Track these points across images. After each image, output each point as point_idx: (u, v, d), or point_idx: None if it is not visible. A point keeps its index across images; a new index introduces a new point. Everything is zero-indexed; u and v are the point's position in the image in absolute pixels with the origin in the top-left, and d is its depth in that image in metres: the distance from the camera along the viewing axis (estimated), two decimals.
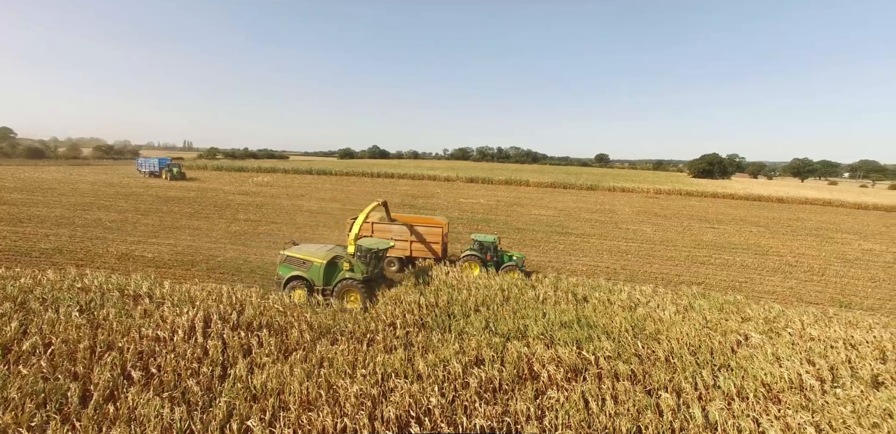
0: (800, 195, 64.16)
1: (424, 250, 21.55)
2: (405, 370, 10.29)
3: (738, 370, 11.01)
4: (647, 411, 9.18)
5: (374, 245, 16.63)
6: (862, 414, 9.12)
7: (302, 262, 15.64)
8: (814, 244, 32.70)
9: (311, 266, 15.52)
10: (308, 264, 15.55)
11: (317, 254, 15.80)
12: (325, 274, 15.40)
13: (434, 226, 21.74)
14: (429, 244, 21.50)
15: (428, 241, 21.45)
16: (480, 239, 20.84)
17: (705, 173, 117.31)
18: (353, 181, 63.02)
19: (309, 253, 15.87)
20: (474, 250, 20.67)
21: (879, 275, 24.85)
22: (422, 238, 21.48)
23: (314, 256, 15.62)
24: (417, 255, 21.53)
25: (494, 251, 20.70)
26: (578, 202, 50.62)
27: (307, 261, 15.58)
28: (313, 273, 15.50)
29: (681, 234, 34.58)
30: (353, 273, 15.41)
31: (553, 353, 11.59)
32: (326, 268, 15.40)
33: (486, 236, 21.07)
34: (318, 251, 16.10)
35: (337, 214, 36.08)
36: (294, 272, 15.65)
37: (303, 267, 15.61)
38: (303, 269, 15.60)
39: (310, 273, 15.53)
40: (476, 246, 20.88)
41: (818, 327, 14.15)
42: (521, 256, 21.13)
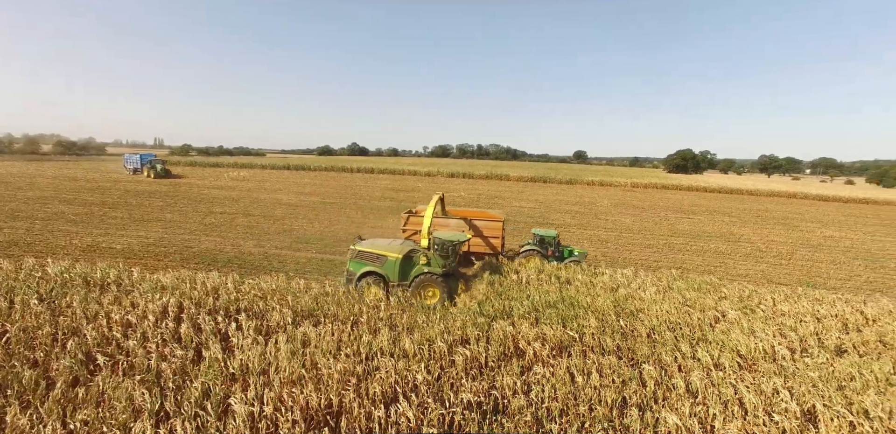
0: (767, 188, 66.72)
1: (483, 245, 20.54)
2: (391, 349, 10.14)
3: (715, 343, 11.29)
4: (631, 383, 9.30)
5: (451, 237, 16.26)
6: (828, 378, 9.51)
7: (376, 258, 15.00)
8: (781, 232, 34.03)
9: (385, 261, 14.88)
10: (383, 259, 14.92)
11: (391, 248, 15.23)
12: (401, 269, 14.83)
13: (493, 220, 20.91)
14: (487, 239, 20.54)
15: (487, 236, 20.48)
16: (542, 233, 20.26)
17: (679, 168, 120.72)
18: (331, 176, 62.00)
19: (382, 247, 15.28)
20: (534, 245, 20.14)
21: (840, 258, 26.12)
22: (480, 232, 20.48)
23: (389, 251, 15.02)
24: (476, 250, 20.34)
25: (557, 246, 20.19)
26: (558, 195, 51.22)
27: (381, 256, 14.96)
28: (388, 268, 14.87)
29: (658, 223, 35.42)
30: (432, 267, 14.95)
31: (538, 331, 11.63)
32: (402, 262, 14.82)
33: (548, 231, 20.58)
34: (391, 245, 15.59)
35: (318, 207, 35.49)
36: (367, 268, 14.98)
37: (376, 262, 14.97)
38: (376, 265, 14.94)
39: (384, 268, 14.89)
40: (536, 240, 20.31)
41: (788, 304, 14.69)
42: (582, 252, 20.59)
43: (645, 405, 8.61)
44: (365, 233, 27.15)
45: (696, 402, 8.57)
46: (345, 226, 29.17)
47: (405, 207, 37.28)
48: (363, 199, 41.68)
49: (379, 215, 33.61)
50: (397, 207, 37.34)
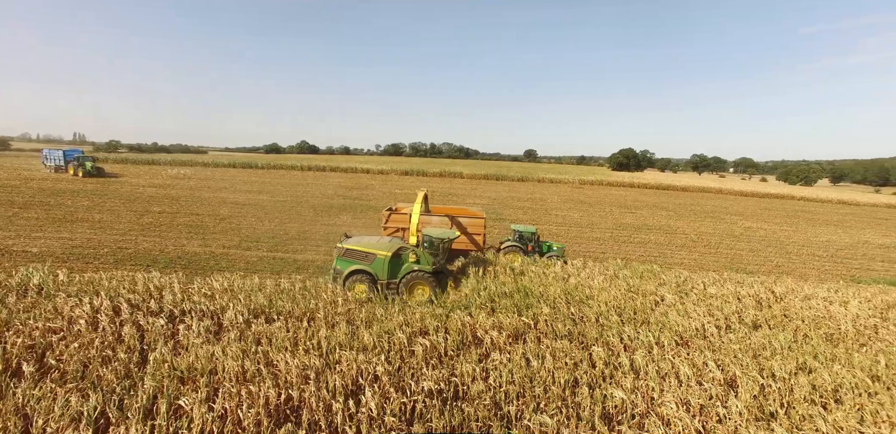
0: (698, 185, 72.41)
1: (466, 242, 20.47)
2: (350, 343, 10.10)
3: (656, 324, 12.23)
4: (581, 364, 9.90)
5: (441, 235, 16.12)
6: (746, 349, 10.69)
7: (364, 256, 14.73)
8: (710, 224, 37.20)
9: (374, 259, 14.64)
10: (371, 257, 14.67)
11: (379, 246, 15.01)
12: (390, 267, 14.63)
13: (476, 217, 21.03)
14: (471, 236, 20.50)
15: (470, 233, 20.42)
16: (521, 229, 20.65)
17: (623, 166, 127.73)
18: (281, 174, 59.66)
19: (370, 245, 15.02)
20: (515, 241, 20.49)
21: (757, 246, 29.13)
22: (463, 229, 20.44)
23: (377, 249, 14.78)
24: (458, 247, 20.21)
25: (537, 242, 20.62)
26: (511, 192, 52.59)
27: (370, 253, 14.70)
28: (377, 266, 14.65)
29: (604, 218, 37.44)
30: (421, 265, 14.82)
31: (495, 320, 12.04)
32: (391, 260, 14.60)
33: (527, 227, 20.88)
34: (380, 243, 15.36)
35: (267, 206, 34.10)
36: (355, 266, 14.70)
37: (365, 260, 14.70)
38: (365, 263, 14.68)
39: (373, 266, 14.65)
40: (516, 237, 20.66)
41: (716, 287, 16.19)
42: (561, 246, 21.26)
43: (594, 383, 9.21)
44: (318, 231, 26.55)
45: (639, 378, 9.29)
46: (297, 224, 28.32)
47: (359, 205, 36.85)
48: (315, 197, 40.56)
49: (332, 213, 32.91)
50: (351, 205, 36.77)
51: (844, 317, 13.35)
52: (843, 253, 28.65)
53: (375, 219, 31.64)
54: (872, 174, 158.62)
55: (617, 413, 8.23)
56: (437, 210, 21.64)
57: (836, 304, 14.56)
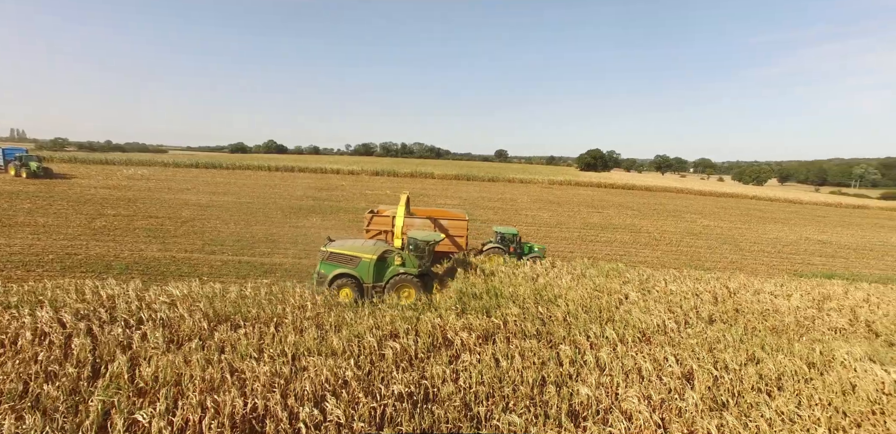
0: (661, 185, 75.43)
1: (448, 244, 20.42)
2: (318, 348, 9.95)
3: (620, 322, 12.68)
4: (549, 362, 10.14)
5: (427, 237, 16.06)
6: (702, 343, 11.26)
7: (349, 259, 14.62)
8: (671, 223, 38.85)
9: (359, 262, 14.55)
10: (356, 261, 14.57)
11: (364, 249, 14.86)
12: (376, 270, 14.56)
13: (458, 219, 21.00)
14: (453, 238, 20.44)
15: (452, 235, 20.34)
16: (502, 231, 20.72)
17: (590, 167, 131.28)
18: (248, 175, 57.75)
19: (355, 249, 14.87)
20: (496, 243, 20.61)
21: (713, 243, 30.68)
22: (445, 231, 20.32)
23: (362, 252, 14.66)
24: (441, 249, 19.95)
25: (518, 243, 20.76)
26: (482, 192, 53.05)
27: (355, 257, 14.59)
28: (362, 270, 14.55)
29: (572, 217, 38.39)
30: (407, 267, 14.76)
31: (465, 321, 12.15)
32: (377, 263, 14.53)
33: (508, 229, 21.00)
34: (364, 246, 15.19)
35: (232, 208, 32.97)
36: (340, 269, 14.53)
37: (350, 264, 14.59)
38: (349, 266, 14.56)
39: (358, 270, 14.55)
40: (498, 238, 20.79)
41: (676, 284, 16.95)
42: (542, 247, 21.51)
43: (561, 381, 9.46)
44: (286, 233, 25.93)
45: (604, 374, 9.62)
46: (264, 226, 27.55)
47: (328, 207, 36.23)
48: (283, 198, 39.55)
49: (300, 215, 32.21)
50: (320, 206, 36.10)
51: (788, 309, 14.28)
52: (788, 249, 30.57)
53: (346, 220, 31.23)
54: (813, 175, 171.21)
55: (583, 409, 8.49)
56: (418, 212, 21.58)
57: (780, 297, 15.56)
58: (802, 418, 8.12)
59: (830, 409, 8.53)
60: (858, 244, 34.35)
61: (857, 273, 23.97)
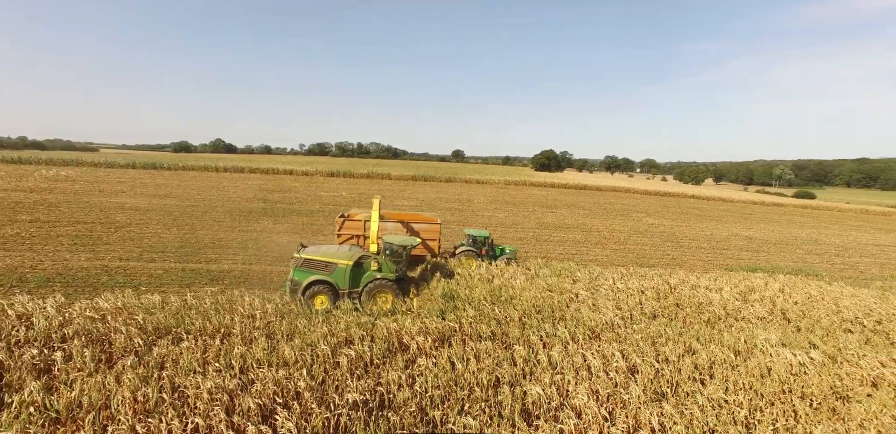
0: (610, 185, 79.18)
1: (420, 248, 20.07)
2: (269, 359, 9.59)
3: (571, 320, 13.17)
4: (504, 363, 10.36)
5: (404, 242, 15.93)
6: (645, 338, 11.95)
7: (324, 265, 14.32)
8: (620, 221, 40.85)
9: (335, 268, 14.27)
10: (332, 267, 14.30)
11: (339, 255, 14.58)
12: (352, 276, 14.34)
13: (431, 223, 20.85)
14: (425, 241, 20.15)
15: (425, 239, 20.06)
16: (474, 234, 20.79)
17: (544, 167, 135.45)
18: (193, 176, 54.38)
19: (330, 255, 14.60)
20: (469, 245, 20.57)
21: (657, 241, 32.56)
22: (418, 235, 20.14)
23: (338, 258, 14.39)
24: (413, 253, 19.43)
25: (490, 246, 20.86)
26: (439, 193, 53.23)
27: (330, 263, 14.32)
28: (338, 276, 14.29)
29: (527, 217, 39.38)
30: (384, 272, 14.65)
31: (421, 325, 12.15)
32: (353, 269, 14.31)
33: (480, 231, 21.12)
34: (339, 252, 14.92)
35: (176, 212, 30.97)
36: (315, 276, 14.18)
37: (325, 270, 14.29)
38: (325, 273, 14.26)
39: (334, 276, 14.27)
40: (469, 241, 20.75)
41: (623, 282, 17.81)
42: (513, 249, 21.73)
43: (515, 381, 9.70)
44: (235, 237, 24.75)
45: (556, 372, 9.96)
46: (210, 231, 26.12)
47: (281, 209, 34.95)
48: (232, 201, 37.66)
49: (251, 218, 30.83)
50: (272, 209, 34.75)
51: (719, 302, 15.46)
52: (720, 245, 33.07)
53: (300, 223, 30.25)
54: (742, 175, 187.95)
55: (535, 408, 8.75)
56: (390, 216, 21.36)
57: (713, 291, 16.80)
58: (728, 403, 8.83)
59: (751, 392, 9.34)
60: (777, 239, 37.73)
61: (775, 266, 26.33)
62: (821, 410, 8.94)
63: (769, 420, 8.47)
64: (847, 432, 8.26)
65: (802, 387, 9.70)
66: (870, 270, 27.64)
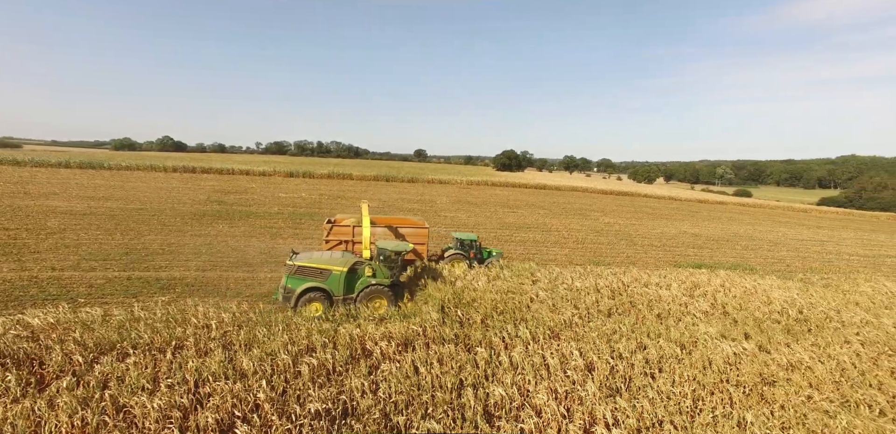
0: (569, 185, 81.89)
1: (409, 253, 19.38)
2: (225, 371, 9.25)
3: (532, 321, 13.55)
4: (467, 366, 10.53)
5: (398, 248, 16.00)
6: (601, 336, 12.52)
7: (318, 272, 14.33)
8: (577, 221, 42.36)
9: (329, 275, 14.31)
10: (326, 273, 14.33)
11: (333, 261, 14.60)
12: (346, 282, 14.38)
13: (419, 227, 20.95)
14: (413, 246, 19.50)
15: (413, 243, 19.48)
16: (462, 237, 20.99)
17: (505, 166, 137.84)
18: (138, 176, 50.96)
19: (323, 261, 14.57)
20: (458, 249, 20.75)
21: (613, 240, 34.05)
22: (405, 240, 20.09)
23: (332, 264, 14.42)
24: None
25: (478, 249, 21.20)
26: (401, 194, 53.00)
27: (325, 270, 14.33)
28: (332, 282, 14.34)
29: (489, 218, 40.00)
30: (378, 278, 14.69)
31: (385, 330, 12.13)
32: (347, 275, 14.37)
33: (468, 234, 21.40)
34: (333, 258, 14.91)
35: (119, 215, 29.00)
36: (309, 283, 14.18)
37: (319, 277, 14.31)
38: (319, 280, 14.28)
39: (328, 283, 14.31)
40: (457, 244, 21.00)
41: (581, 281, 18.49)
42: (499, 252, 22.24)
43: (478, 383, 9.90)
44: (188, 243, 23.55)
45: (517, 373, 10.24)
46: (160, 236, 24.70)
47: (237, 211, 33.58)
48: (183, 203, 35.71)
49: (205, 222, 29.41)
50: (228, 212, 33.30)
51: (668, 298, 16.44)
52: (670, 242, 35.08)
53: (258, 226, 29.20)
54: (689, 174, 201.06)
55: (497, 409, 8.98)
56: (377, 220, 21.12)
57: (663, 288, 17.82)
58: (675, 394, 9.45)
59: (694, 383, 10.05)
60: (719, 236, 40.51)
61: (717, 262, 28.30)
62: (751, 396, 9.76)
63: (709, 408, 9.14)
64: (772, 413, 9.06)
65: (737, 375, 10.53)
66: (794, 263, 30.22)
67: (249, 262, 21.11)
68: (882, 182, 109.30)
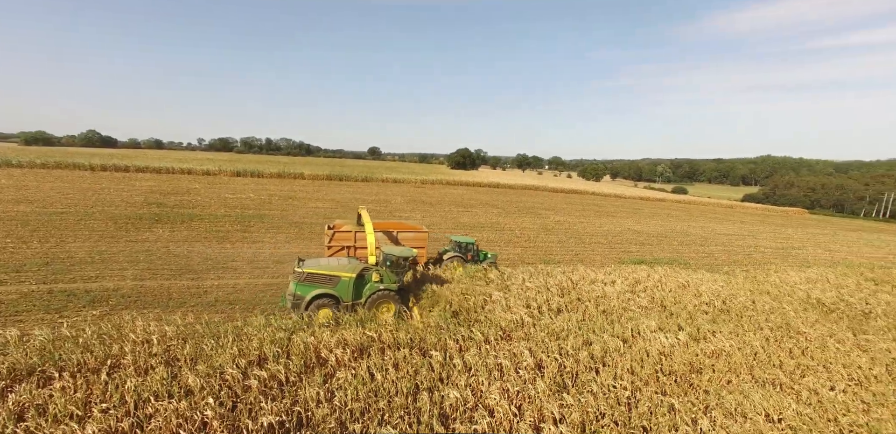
0: (521, 183, 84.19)
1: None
2: (168, 390, 8.82)
3: (485, 322, 13.95)
4: (422, 370, 10.70)
5: (404, 253, 16.59)
6: (550, 334, 13.14)
7: (328, 279, 14.65)
8: (529, 219, 43.75)
9: (339, 281, 14.67)
10: (336, 280, 14.68)
11: (342, 268, 15.01)
12: (355, 288, 14.75)
13: (418, 231, 21.69)
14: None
15: (412, 247, 19.86)
16: (462, 240, 21.75)
17: (460, 165, 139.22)
18: (57, 176, 46.24)
19: (332, 268, 14.96)
20: (456, 251, 21.43)
21: (563, 238, 35.53)
22: (402, 245, 20.65)
23: (341, 271, 14.79)
24: None
25: (476, 252, 21.97)
26: (355, 194, 52.14)
27: (334, 276, 14.67)
28: (341, 289, 14.68)
29: (444, 218, 40.34)
30: (386, 283, 15.08)
31: (340, 336, 12.04)
32: (356, 281, 14.75)
33: (465, 238, 22.11)
34: (340, 265, 15.31)
35: (34, 221, 26.35)
36: (318, 290, 14.45)
37: (329, 283, 14.64)
38: (329, 286, 14.61)
39: (337, 289, 14.64)
40: (455, 247, 21.72)
41: (532, 280, 19.21)
42: (494, 254, 23.08)
43: (433, 386, 10.10)
44: (121, 250, 21.90)
45: (471, 375, 10.55)
46: (87, 243, 22.77)
47: (178, 214, 31.60)
48: (116, 205, 32.98)
49: (141, 226, 27.44)
50: (168, 215, 31.23)
51: (613, 294, 17.52)
52: (615, 239, 37.19)
53: (203, 230, 27.66)
54: (633, 172, 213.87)
55: (452, 411, 9.24)
56: (376, 226, 20.82)
57: (608, 284, 18.95)
58: (616, 387, 10.18)
59: (633, 375, 10.87)
60: (659, 232, 43.48)
61: (657, 258, 30.43)
62: (681, 384, 10.71)
63: (646, 398, 9.94)
64: (697, 399, 10.01)
65: (670, 365, 11.51)
66: (721, 257, 33.13)
67: (194, 268, 20.04)
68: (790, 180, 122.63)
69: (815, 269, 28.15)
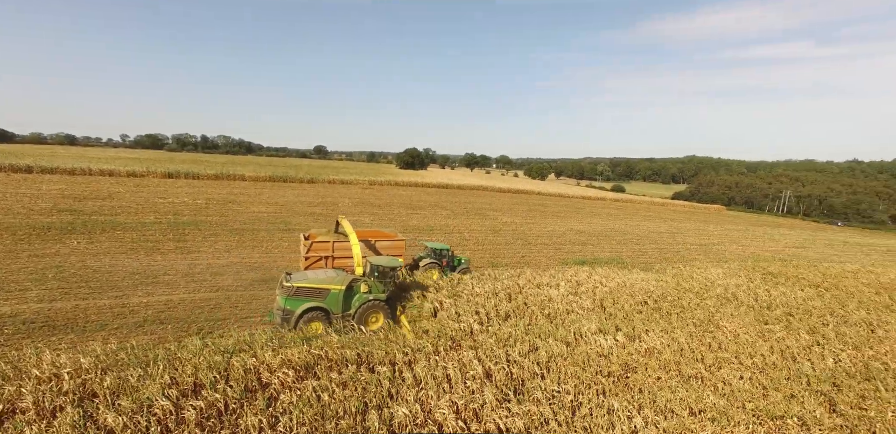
0: (470, 183, 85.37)
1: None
2: (81, 433, 8.00)
3: (434, 332, 14.00)
4: (370, 386, 10.54)
5: (391, 263, 16.85)
6: (498, 341, 13.45)
7: (318, 292, 14.63)
8: (477, 221, 44.46)
9: (328, 294, 14.69)
10: (325, 293, 14.70)
11: (331, 280, 14.99)
12: (344, 299, 14.82)
13: (395, 239, 21.87)
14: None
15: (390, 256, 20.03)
16: (437, 247, 21.84)
17: (409, 165, 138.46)
18: None
19: (321, 281, 14.89)
20: (432, 258, 21.50)
21: (510, 239, 36.47)
22: (380, 253, 20.71)
23: (330, 283, 14.82)
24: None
25: (451, 257, 22.14)
26: (300, 196, 50.22)
27: (324, 289, 14.68)
28: (331, 301, 14.72)
29: (393, 220, 39.92)
30: (374, 293, 15.24)
31: (283, 356, 11.55)
32: (345, 293, 14.80)
33: (441, 244, 22.30)
34: (328, 277, 15.21)
35: None
36: (309, 303, 14.43)
37: (318, 296, 14.63)
38: (318, 299, 14.60)
39: (327, 302, 14.67)
40: (431, 253, 21.79)
41: (481, 285, 19.51)
42: (467, 259, 23.31)
43: (382, 403, 9.98)
44: (23, 266, 19.51)
45: (420, 389, 10.54)
46: None
47: (97, 223, 28.79)
48: (15, 213, 29.21)
49: (48, 237, 24.60)
50: (84, 223, 28.23)
51: (558, 297, 18.26)
52: (559, 240, 38.78)
53: (127, 240, 25.34)
54: (576, 171, 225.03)
55: (401, 428, 9.18)
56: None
57: (552, 287, 19.72)
58: (560, 392, 10.63)
59: (576, 379, 11.41)
60: (599, 231, 45.94)
61: (598, 257, 32.13)
62: (618, 384, 11.41)
63: (587, 400, 10.47)
64: (632, 397, 10.73)
65: (608, 366, 12.21)
66: (654, 255, 35.61)
67: (118, 285, 18.32)
68: (711, 179, 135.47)
69: (730, 263, 31.10)
